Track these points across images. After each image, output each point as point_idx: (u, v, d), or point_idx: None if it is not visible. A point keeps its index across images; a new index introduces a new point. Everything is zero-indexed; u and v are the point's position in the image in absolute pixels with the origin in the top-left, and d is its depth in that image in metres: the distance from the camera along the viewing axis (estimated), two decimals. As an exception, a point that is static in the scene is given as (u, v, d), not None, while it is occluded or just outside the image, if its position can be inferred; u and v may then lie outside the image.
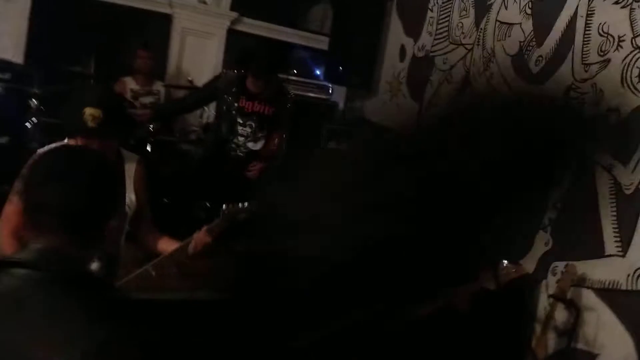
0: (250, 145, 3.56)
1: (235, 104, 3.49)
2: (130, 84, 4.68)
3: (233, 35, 5.45)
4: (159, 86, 4.83)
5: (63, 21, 4.85)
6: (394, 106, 4.98)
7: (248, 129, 3.53)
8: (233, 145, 3.53)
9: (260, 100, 3.52)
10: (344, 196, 0.89)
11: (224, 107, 3.52)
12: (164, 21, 5.25)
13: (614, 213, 2.98)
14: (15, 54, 4.64)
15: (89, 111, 1.97)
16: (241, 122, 3.51)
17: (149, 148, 3.88)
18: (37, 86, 4.05)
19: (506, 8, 3.95)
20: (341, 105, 5.43)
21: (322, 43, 5.56)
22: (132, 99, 4.61)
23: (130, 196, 2.19)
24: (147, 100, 4.67)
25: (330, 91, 5.23)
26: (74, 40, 4.83)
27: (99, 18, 4.99)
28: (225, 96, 3.52)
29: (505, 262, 2.78)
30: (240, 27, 5.48)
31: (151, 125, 3.95)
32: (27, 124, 3.65)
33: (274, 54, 3.81)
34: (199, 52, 5.34)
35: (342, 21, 5.28)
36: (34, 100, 3.77)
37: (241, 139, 3.54)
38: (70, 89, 4.09)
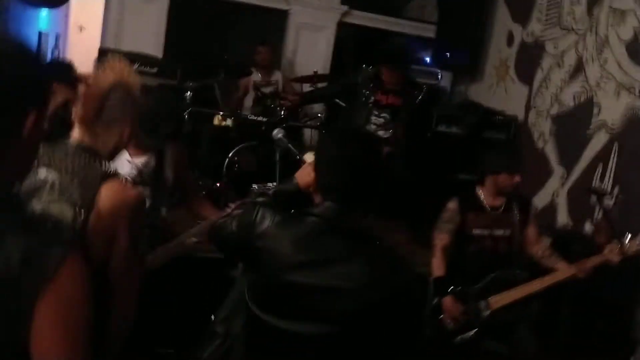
0: (381, 133, 3.91)
1: (372, 97, 3.84)
2: (254, 76, 5.14)
3: (342, 28, 5.81)
4: (278, 77, 5.27)
5: (195, 19, 5.38)
6: (502, 90, 5.17)
7: (382, 120, 3.88)
8: None
9: (394, 93, 3.86)
10: None
11: (361, 100, 3.87)
12: (281, 16, 5.68)
13: None
14: (155, 49, 5.21)
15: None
16: (376, 113, 3.86)
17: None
18: (181, 80, 4.58)
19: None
20: (448, 89, 5.67)
21: (425, 30, 5.80)
22: (255, 90, 5.08)
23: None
24: (268, 90, 5.11)
25: (439, 77, 5.48)
26: (205, 36, 5.36)
27: (225, 15, 5.48)
28: (363, 90, 3.87)
29: (629, 236, 2.97)
30: (348, 20, 5.82)
31: (283, 112, 4.40)
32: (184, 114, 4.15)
33: (406, 48, 4.11)
34: (311, 44, 5.73)
35: (448, 8, 5.50)
36: (189, 92, 4.30)
37: (374, 127, 3.89)
38: (212, 84, 4.60)
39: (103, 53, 4.88)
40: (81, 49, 4.96)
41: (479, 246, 3.04)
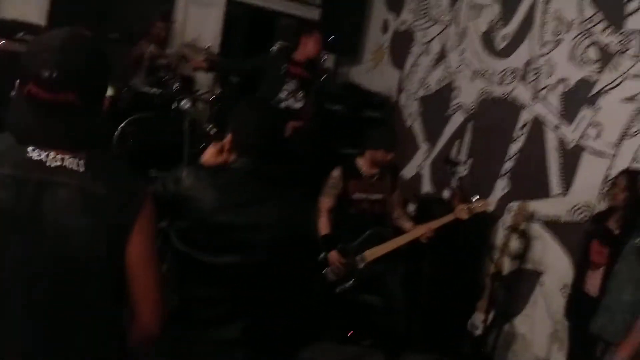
0: (291, 102, 4.31)
1: (283, 67, 4.26)
2: (149, 47, 5.19)
3: (232, 6, 6.00)
4: (172, 50, 5.37)
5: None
6: (378, 73, 5.70)
7: (292, 87, 4.29)
8: (277, 101, 4.28)
9: (302, 66, 4.33)
10: None
11: (274, 70, 4.26)
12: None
13: (559, 163, 3.83)
14: (39, 17, 5.08)
15: None
16: (286, 82, 4.25)
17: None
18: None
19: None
20: (332, 70, 6.10)
21: (312, 13, 6.16)
22: (148, 61, 5.15)
23: None
24: (162, 62, 5.20)
25: (324, 58, 5.88)
26: (92, 6, 5.30)
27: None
28: (276, 62, 4.30)
29: (476, 197, 3.58)
30: (238, -2, 6.02)
31: (177, 84, 4.56)
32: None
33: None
34: (201, 20, 5.86)
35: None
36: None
37: (285, 93, 4.29)
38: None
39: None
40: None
41: (357, 208, 3.52)
